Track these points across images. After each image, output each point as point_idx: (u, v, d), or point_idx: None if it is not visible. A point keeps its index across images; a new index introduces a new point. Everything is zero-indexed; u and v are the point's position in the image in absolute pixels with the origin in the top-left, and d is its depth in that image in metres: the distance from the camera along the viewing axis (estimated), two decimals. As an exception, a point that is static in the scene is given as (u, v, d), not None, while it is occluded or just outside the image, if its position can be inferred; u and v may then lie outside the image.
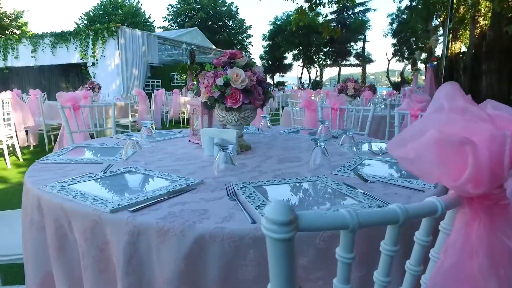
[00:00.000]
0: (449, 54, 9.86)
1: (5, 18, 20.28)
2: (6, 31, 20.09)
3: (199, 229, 0.73)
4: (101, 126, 3.99)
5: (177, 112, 9.06)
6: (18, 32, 20.73)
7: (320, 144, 1.23)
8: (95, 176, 1.10)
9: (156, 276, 0.77)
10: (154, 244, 0.74)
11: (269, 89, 1.56)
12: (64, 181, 1.02)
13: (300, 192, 1.06)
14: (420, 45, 24.31)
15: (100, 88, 7.16)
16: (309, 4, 9.96)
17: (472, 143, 0.39)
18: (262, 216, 0.79)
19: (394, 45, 28.01)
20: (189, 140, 1.81)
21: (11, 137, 4.69)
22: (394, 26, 26.95)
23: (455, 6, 10.40)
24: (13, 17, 21.14)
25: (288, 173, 1.23)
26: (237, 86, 1.39)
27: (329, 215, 0.36)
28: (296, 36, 26.53)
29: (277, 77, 33.90)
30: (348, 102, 3.91)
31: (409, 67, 27.81)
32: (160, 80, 19.39)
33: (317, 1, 10.13)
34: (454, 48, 11.84)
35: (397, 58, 28.97)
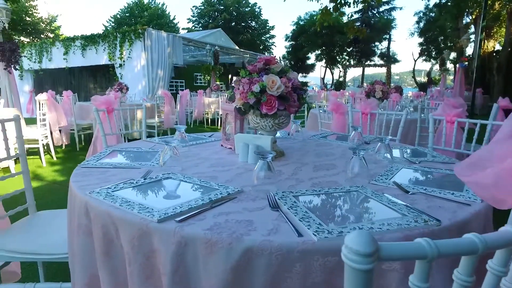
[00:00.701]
0: (481, 53, 9.46)
1: (40, 23, 21.30)
2: (41, 35, 21.07)
3: (247, 242, 0.73)
4: (128, 126, 4.10)
5: (201, 113, 9.18)
6: (51, 35, 21.68)
7: (359, 153, 1.21)
8: (136, 183, 1.13)
9: (202, 285, 0.77)
10: (202, 254, 0.75)
11: (304, 95, 1.55)
12: (108, 187, 1.06)
13: (341, 203, 1.04)
14: (449, 44, 23.49)
15: (127, 89, 7.36)
16: (334, 4, 9.84)
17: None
18: (308, 229, 0.79)
19: (420, 44, 27.19)
20: (221, 145, 1.83)
21: (46, 136, 4.91)
22: (421, 24, 26.15)
23: (489, 2, 9.96)
24: (48, 21, 22.16)
25: (325, 181, 1.22)
26: (272, 93, 1.39)
27: (408, 245, 0.35)
28: (319, 36, 26.28)
29: (300, 78, 33.65)
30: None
31: (436, 67, 26.92)
32: (184, 81, 19.71)
33: (342, 1, 9.99)
34: (487, 47, 11.36)
35: (423, 57, 28.11)
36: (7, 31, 5.03)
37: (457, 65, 10.35)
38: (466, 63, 9.39)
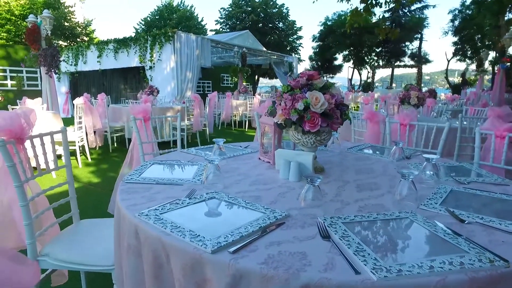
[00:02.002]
0: (524, 54, 8.90)
1: (77, 28, 22.29)
2: (78, 39, 22.04)
3: (304, 279, 0.72)
4: (162, 130, 4.18)
5: (229, 115, 9.25)
6: (86, 39, 22.64)
7: (408, 177, 1.16)
8: (182, 203, 1.13)
9: (255, 319, 0.76)
10: (256, 289, 0.74)
11: (346, 110, 1.50)
12: (156, 209, 1.07)
13: (393, 232, 1.00)
14: (487, 43, 22.34)
15: (158, 92, 7.54)
16: (365, 4, 9.60)
17: None
18: (365, 265, 0.76)
19: (455, 43, 26.03)
20: (259, 158, 1.82)
21: (82, 139, 5.11)
22: (456, 23, 25.02)
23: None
24: (83, 26, 23.15)
25: (371, 204, 1.18)
26: (316, 110, 1.36)
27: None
28: (347, 37, 25.75)
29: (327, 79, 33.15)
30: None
31: (472, 67, 25.73)
32: (211, 82, 19.96)
33: (373, 2, 9.73)
34: (531, 47, 10.64)
35: (458, 57, 26.89)
36: (49, 37, 5.28)
37: (497, 66, 9.79)
38: (508, 63, 8.84)
